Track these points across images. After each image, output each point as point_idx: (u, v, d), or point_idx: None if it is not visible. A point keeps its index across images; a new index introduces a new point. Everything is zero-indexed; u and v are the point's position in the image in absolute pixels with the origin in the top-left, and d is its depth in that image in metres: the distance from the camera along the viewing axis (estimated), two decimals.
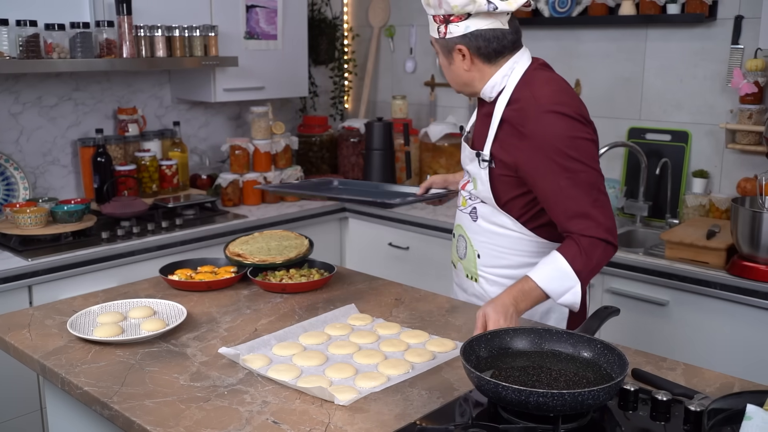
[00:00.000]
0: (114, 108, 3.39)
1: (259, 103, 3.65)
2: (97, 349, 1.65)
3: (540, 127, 1.69)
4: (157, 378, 1.51)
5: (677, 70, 3.08)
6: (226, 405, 1.39)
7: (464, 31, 1.75)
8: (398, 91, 4.10)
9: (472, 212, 1.92)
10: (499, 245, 1.88)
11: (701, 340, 2.55)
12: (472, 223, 1.91)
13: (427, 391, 1.45)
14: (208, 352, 1.64)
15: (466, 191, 1.94)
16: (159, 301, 1.89)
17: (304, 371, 1.53)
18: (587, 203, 1.68)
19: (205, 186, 3.60)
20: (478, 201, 1.89)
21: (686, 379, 1.51)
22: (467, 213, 1.93)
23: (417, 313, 1.89)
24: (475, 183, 1.88)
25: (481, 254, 1.91)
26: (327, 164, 3.96)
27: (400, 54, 4.10)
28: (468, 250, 1.94)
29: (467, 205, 1.93)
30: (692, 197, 2.99)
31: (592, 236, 1.67)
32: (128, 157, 3.35)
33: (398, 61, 4.11)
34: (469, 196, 1.92)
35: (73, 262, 2.65)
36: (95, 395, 1.44)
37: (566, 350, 1.46)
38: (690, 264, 2.57)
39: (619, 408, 1.37)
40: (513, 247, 1.87)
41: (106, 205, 3.02)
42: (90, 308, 1.84)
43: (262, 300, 1.98)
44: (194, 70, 3.40)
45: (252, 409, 1.38)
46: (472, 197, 1.91)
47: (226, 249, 2.20)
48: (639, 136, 3.20)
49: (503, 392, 1.25)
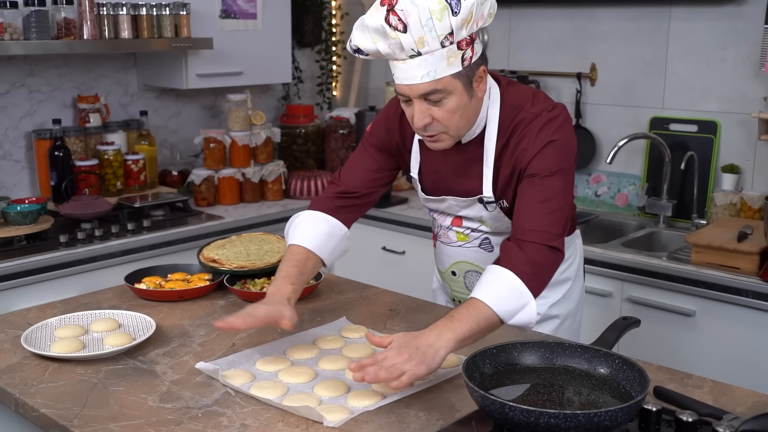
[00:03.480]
0: (73, 96, 3.38)
1: (237, 90, 3.65)
2: (55, 367, 1.65)
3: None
4: (123, 399, 1.51)
5: (704, 53, 3.10)
6: (201, 429, 1.40)
7: (482, 44, 1.71)
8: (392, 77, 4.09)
9: (483, 245, 1.93)
10: None
11: (731, 355, 2.56)
12: (488, 254, 1.92)
13: (425, 412, 1.46)
14: (180, 370, 1.64)
15: (462, 228, 1.94)
16: (124, 313, 1.89)
17: (290, 389, 1.54)
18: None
19: (176, 183, 3.59)
20: (486, 233, 1.91)
21: (714, 397, 1.52)
22: (475, 247, 1.94)
23: (414, 325, 1.90)
24: (483, 222, 1.89)
25: None
26: (313, 159, 3.96)
27: None
28: None
29: (469, 239, 1.94)
30: (721, 195, 3.00)
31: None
32: (89, 151, 3.35)
33: None
34: (468, 231, 1.93)
35: (28, 269, 2.65)
36: (53, 418, 1.44)
37: (580, 366, 1.46)
38: (719, 270, 2.58)
39: (639, 430, 1.38)
40: None
41: (65, 205, 3.01)
42: (47, 321, 1.84)
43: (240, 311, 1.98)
44: (163, 53, 3.39)
45: None
46: (476, 231, 1.92)
47: (200, 254, 2.20)
48: (662, 127, 3.21)
49: (510, 413, 1.25)
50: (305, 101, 4.23)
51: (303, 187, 3.66)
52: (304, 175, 3.70)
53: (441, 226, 1.99)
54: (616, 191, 3.38)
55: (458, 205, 1.89)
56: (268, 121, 3.79)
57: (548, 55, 3.49)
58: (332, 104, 4.32)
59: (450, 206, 1.91)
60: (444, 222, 1.97)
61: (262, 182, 3.61)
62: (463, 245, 1.95)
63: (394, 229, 3.36)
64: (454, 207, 1.90)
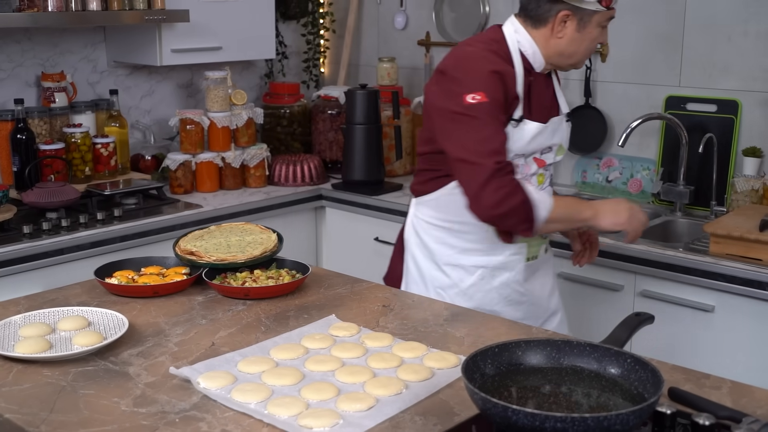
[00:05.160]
0: (37, 74, 3.37)
1: (216, 67, 3.64)
2: (19, 368, 1.65)
3: None
4: (94, 403, 1.51)
5: (724, 27, 3.10)
6: None
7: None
8: (386, 53, 4.10)
9: (549, 183, 2.28)
10: None
11: (752, 353, 2.58)
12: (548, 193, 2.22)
13: (421, 416, 1.47)
14: (155, 372, 1.64)
15: (544, 169, 2.24)
16: (94, 310, 1.89)
17: (275, 392, 1.54)
18: None
19: (150, 169, 3.59)
20: (551, 170, 2.28)
21: (733, 399, 1.53)
22: (547, 186, 2.26)
23: (409, 322, 1.90)
24: (560, 150, 2.27)
25: None
26: (299, 141, 3.96)
27: (388, 6, 4.10)
28: None
29: (545, 179, 2.25)
30: (742, 180, 3.01)
31: None
32: (55, 134, 3.34)
33: (386, 15, 4.11)
34: (547, 170, 2.25)
35: None
36: (19, 424, 1.44)
37: (589, 366, 1.47)
38: (740, 261, 2.60)
39: None
40: None
41: (29, 193, 3.01)
42: (10, 318, 1.84)
43: (220, 308, 1.99)
44: (135, 26, 3.38)
45: None
46: (549, 166, 2.26)
47: (177, 246, 2.20)
48: (678, 107, 3.22)
49: (513, 417, 1.26)
50: (290, 79, 4.22)
51: (288, 173, 3.66)
52: (290, 160, 3.69)
53: (525, 176, 2.17)
54: (629, 177, 3.39)
55: (556, 128, 2.22)
56: (249, 100, 3.79)
57: None
58: (320, 82, 4.32)
59: (554, 132, 2.22)
60: (529, 170, 2.20)
61: (244, 167, 3.61)
62: (541, 188, 2.22)
63: (388, 219, 3.36)
64: (556, 133, 2.23)
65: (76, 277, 2.32)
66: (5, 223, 2.84)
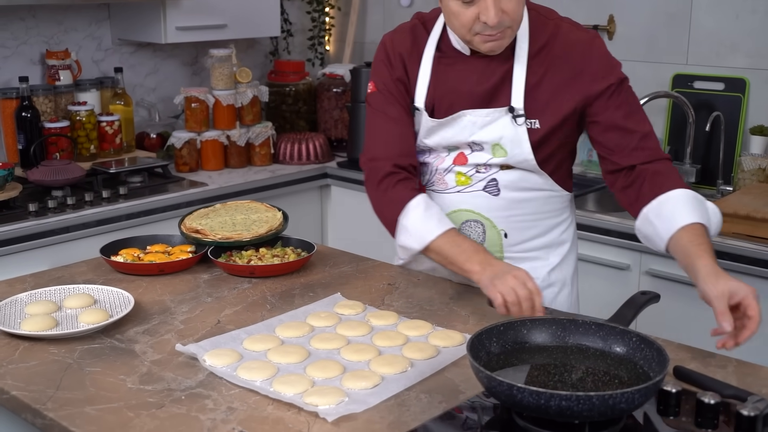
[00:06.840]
0: (41, 51, 3.36)
1: (221, 44, 3.63)
2: (26, 346, 1.66)
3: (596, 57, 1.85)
4: (100, 380, 1.52)
5: (733, 4, 3.08)
6: (184, 412, 1.41)
7: None
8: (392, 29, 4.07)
9: (489, 187, 1.93)
10: (528, 213, 1.95)
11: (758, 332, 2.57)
12: (492, 199, 1.93)
13: (426, 394, 1.47)
14: (161, 349, 1.65)
15: (467, 167, 1.93)
16: (100, 288, 1.90)
17: (280, 369, 1.55)
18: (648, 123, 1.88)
19: (155, 147, 3.59)
20: (495, 171, 1.91)
21: (739, 378, 1.53)
22: (479, 190, 1.93)
23: (414, 300, 1.91)
24: (498, 150, 1.88)
25: (509, 232, 1.95)
26: (304, 120, 3.95)
27: None
28: (489, 233, 1.95)
29: (472, 181, 1.93)
30: (750, 159, 3.00)
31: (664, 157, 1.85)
32: (60, 112, 3.34)
33: None
34: (473, 170, 1.93)
35: None
36: (25, 401, 1.45)
37: (595, 345, 1.47)
38: (746, 240, 2.59)
39: (657, 413, 1.39)
40: (541, 211, 1.96)
41: (34, 171, 3.01)
42: (16, 296, 1.85)
43: (225, 286, 1.99)
44: (140, 3, 3.37)
45: (215, 417, 1.39)
46: (485, 168, 1.92)
47: (182, 224, 2.21)
48: (685, 85, 3.20)
49: (518, 395, 1.26)
50: (295, 57, 4.21)
51: (293, 151, 3.65)
52: (295, 138, 3.69)
53: (436, 170, 1.97)
54: None
55: (477, 123, 1.87)
56: (254, 78, 3.77)
57: (562, 6, 3.44)
58: (325, 60, 4.30)
59: (464, 128, 1.88)
60: (442, 164, 1.95)
61: (249, 146, 3.60)
62: (463, 190, 1.95)
63: None
64: (468, 128, 1.88)
65: (82, 255, 2.33)
66: (11, 201, 2.85)
